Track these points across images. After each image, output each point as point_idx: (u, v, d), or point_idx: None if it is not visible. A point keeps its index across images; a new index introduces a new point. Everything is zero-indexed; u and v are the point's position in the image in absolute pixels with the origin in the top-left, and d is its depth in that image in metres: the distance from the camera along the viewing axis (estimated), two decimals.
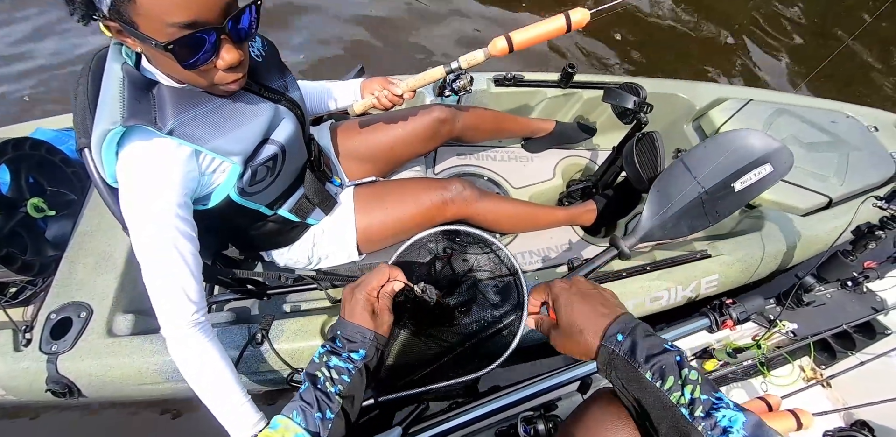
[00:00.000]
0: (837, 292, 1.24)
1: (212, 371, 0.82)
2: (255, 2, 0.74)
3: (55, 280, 1.19)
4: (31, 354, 1.08)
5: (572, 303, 0.59)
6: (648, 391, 0.48)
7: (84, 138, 0.81)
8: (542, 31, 1.03)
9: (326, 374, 0.66)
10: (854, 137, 1.64)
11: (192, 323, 0.81)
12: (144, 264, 0.78)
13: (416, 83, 1.14)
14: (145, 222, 0.77)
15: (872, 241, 1.11)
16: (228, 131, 0.83)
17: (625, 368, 0.50)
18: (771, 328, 1.16)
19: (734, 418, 0.44)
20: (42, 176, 1.28)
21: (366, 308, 0.72)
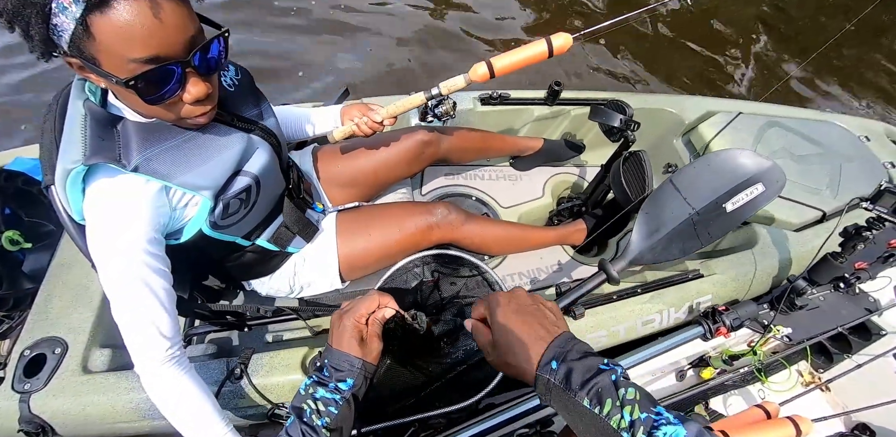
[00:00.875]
0: (831, 294, 1.24)
1: (190, 405, 0.81)
2: (222, 33, 0.73)
3: (30, 315, 1.16)
4: (3, 392, 1.05)
5: (509, 322, 0.57)
6: (588, 418, 0.47)
7: (50, 175, 0.79)
8: (523, 57, 1.02)
9: (313, 406, 0.64)
10: (845, 148, 1.62)
11: (167, 358, 0.79)
12: (114, 300, 0.76)
13: (397, 110, 1.12)
14: (112, 257, 0.75)
15: (861, 242, 1.11)
16: (196, 166, 0.81)
17: (562, 397, 0.49)
18: (765, 334, 1.15)
19: (675, 432, 0.43)
20: (18, 207, 1.26)
21: (354, 336, 0.69)
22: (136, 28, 0.60)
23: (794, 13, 3.47)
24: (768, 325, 1.14)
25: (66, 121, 0.78)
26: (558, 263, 1.51)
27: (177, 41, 0.65)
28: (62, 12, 0.59)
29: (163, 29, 0.62)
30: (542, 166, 1.74)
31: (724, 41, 3.20)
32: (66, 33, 0.61)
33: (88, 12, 0.58)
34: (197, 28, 0.68)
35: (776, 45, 3.22)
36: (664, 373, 1.20)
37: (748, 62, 3.09)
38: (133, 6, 0.59)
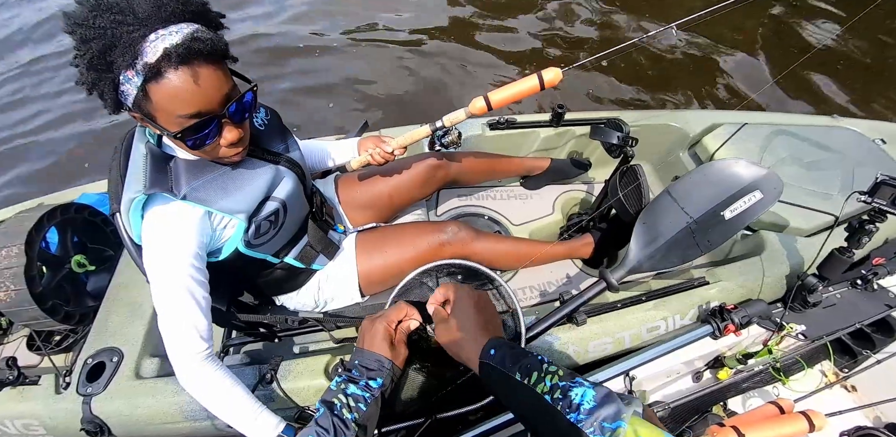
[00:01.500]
0: (848, 291, 1.23)
1: (225, 390, 0.92)
2: (251, 88, 0.89)
3: (92, 328, 1.33)
4: (70, 396, 1.20)
5: (467, 313, 0.68)
6: (520, 389, 0.56)
7: (115, 204, 0.97)
8: (516, 91, 1.12)
9: (344, 401, 0.68)
10: (858, 152, 1.61)
11: (204, 356, 0.91)
12: (160, 306, 0.89)
13: (405, 141, 1.25)
14: (163, 269, 0.89)
15: (865, 235, 1.12)
16: (232, 193, 0.96)
17: (499, 376, 0.58)
18: (778, 331, 1.15)
19: (584, 393, 0.52)
20: (84, 235, 1.46)
21: (385, 338, 0.74)
22: (181, 92, 0.76)
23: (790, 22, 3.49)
24: (780, 322, 1.15)
25: (130, 159, 0.95)
26: (567, 276, 1.57)
27: (214, 99, 0.81)
28: (127, 82, 0.76)
29: (202, 91, 0.78)
30: (551, 185, 1.82)
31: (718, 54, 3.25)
32: (131, 97, 0.78)
33: (146, 82, 0.75)
34: (230, 85, 0.84)
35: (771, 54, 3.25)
36: (680, 375, 1.21)
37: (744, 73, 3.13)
38: (179, 76, 0.75)
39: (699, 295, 1.29)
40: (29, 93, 3.31)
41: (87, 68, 0.75)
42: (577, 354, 1.22)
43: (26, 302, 1.23)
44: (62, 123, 3.05)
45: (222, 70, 0.82)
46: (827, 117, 1.80)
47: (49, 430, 1.21)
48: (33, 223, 1.28)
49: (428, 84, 3.13)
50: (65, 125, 3.03)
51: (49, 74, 3.43)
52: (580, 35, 3.45)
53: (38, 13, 3.96)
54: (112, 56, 0.73)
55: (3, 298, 1.22)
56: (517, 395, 0.57)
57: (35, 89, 3.33)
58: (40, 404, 1.20)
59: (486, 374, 0.60)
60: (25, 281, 1.22)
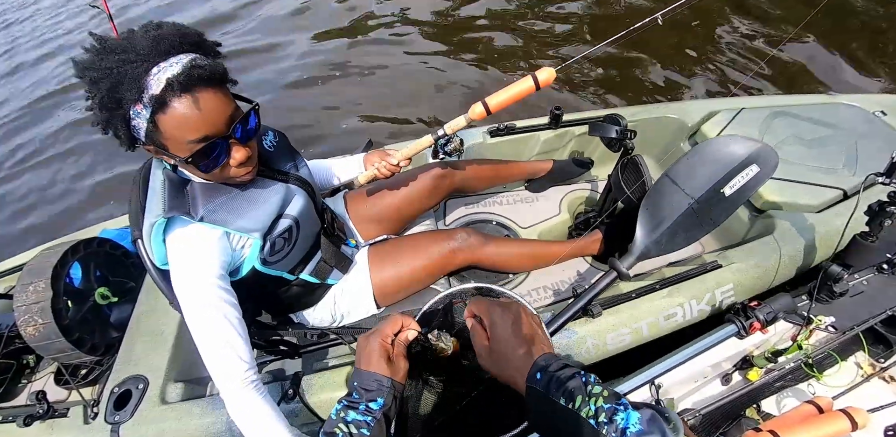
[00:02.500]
0: (875, 277, 1.18)
1: (265, 420, 0.91)
2: (253, 107, 0.93)
3: (117, 358, 1.35)
4: (98, 425, 1.22)
5: (506, 337, 0.64)
6: (562, 414, 0.54)
7: (137, 231, 1.01)
8: (513, 93, 1.15)
9: (345, 430, 0.64)
10: (859, 126, 1.61)
11: (247, 381, 0.91)
12: (197, 331, 0.90)
13: (409, 152, 1.28)
14: (193, 293, 0.91)
15: (887, 218, 1.08)
16: (246, 213, 0.99)
17: (545, 402, 0.56)
18: (807, 326, 1.11)
19: (629, 416, 0.50)
20: (106, 269, 1.51)
21: (382, 355, 0.70)
22: (187, 119, 0.81)
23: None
24: (808, 315, 1.11)
25: (149, 187, 0.99)
26: (579, 274, 1.56)
27: (218, 121, 0.85)
28: (137, 116, 0.81)
29: (206, 115, 0.83)
30: (555, 186, 1.83)
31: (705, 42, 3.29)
32: (142, 130, 0.83)
33: (154, 114, 0.80)
34: (233, 107, 0.88)
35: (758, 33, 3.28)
36: (708, 379, 1.17)
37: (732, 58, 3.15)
38: (183, 103, 0.80)
39: (713, 279, 1.27)
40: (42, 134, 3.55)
41: (99, 108, 0.80)
42: (597, 347, 1.21)
43: (53, 334, 1.26)
44: (81, 163, 3.25)
45: (223, 93, 0.86)
46: (823, 95, 1.80)
47: None
48: (58, 258, 1.33)
49: (427, 97, 3.24)
50: (83, 165, 3.23)
51: (63, 114, 3.65)
52: (569, 33, 3.54)
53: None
54: (120, 92, 0.78)
55: (32, 332, 1.26)
56: (562, 420, 0.55)
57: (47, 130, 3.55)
58: (70, 435, 1.22)
59: (533, 398, 0.59)
60: (52, 314, 1.26)
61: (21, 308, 1.27)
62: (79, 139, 3.43)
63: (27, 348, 1.48)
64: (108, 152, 3.22)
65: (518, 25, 3.66)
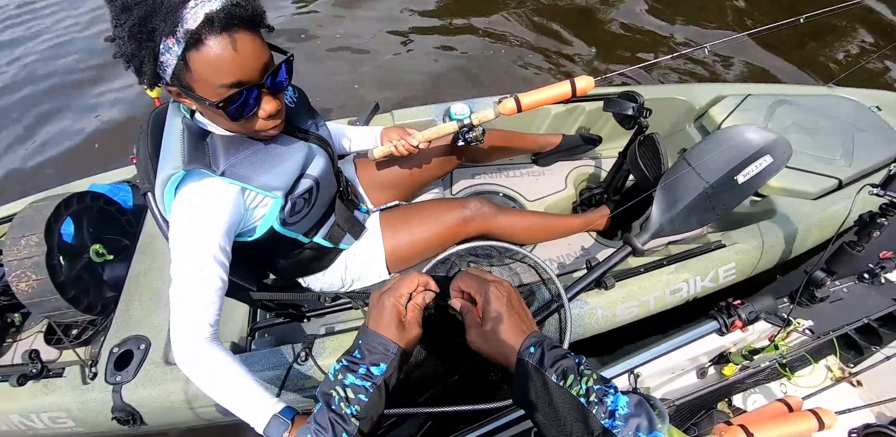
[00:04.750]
0: (854, 285, 1.22)
1: (224, 370, 0.84)
2: (288, 58, 0.88)
3: (115, 317, 1.31)
4: (98, 385, 1.19)
5: (501, 315, 0.63)
6: (554, 390, 0.55)
7: (147, 184, 0.96)
8: (548, 95, 1.15)
9: (342, 394, 0.61)
10: (857, 119, 1.68)
11: (210, 336, 0.86)
12: (177, 278, 0.86)
13: (431, 135, 1.26)
14: (188, 243, 0.87)
15: (876, 229, 1.10)
16: (270, 170, 0.95)
17: (536, 375, 0.56)
18: (786, 327, 1.14)
19: (618, 399, 0.52)
20: (100, 225, 1.44)
21: (392, 317, 0.65)
22: (222, 60, 0.76)
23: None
24: (787, 318, 1.14)
25: (165, 136, 0.93)
26: (583, 248, 1.61)
27: (253, 68, 0.80)
28: (167, 52, 0.75)
29: (242, 59, 0.77)
30: (562, 161, 1.85)
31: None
32: (170, 68, 0.77)
33: (187, 50, 0.74)
34: (268, 55, 0.83)
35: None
36: (684, 371, 1.20)
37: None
38: (220, 43, 0.75)
39: (718, 257, 1.33)
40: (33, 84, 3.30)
41: (127, 38, 0.74)
42: (606, 318, 1.26)
43: (49, 292, 1.21)
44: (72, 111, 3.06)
45: (260, 38, 0.81)
46: (824, 87, 1.86)
47: (77, 421, 1.20)
48: (51, 211, 1.26)
49: (445, 68, 3.17)
50: (73, 114, 3.04)
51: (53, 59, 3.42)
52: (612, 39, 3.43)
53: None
54: (153, 23, 0.72)
55: (26, 289, 1.20)
56: (551, 396, 0.55)
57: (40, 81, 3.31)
58: (68, 395, 1.18)
59: (522, 372, 0.58)
60: (47, 270, 1.20)
61: (13, 263, 1.20)
62: (63, 89, 3.22)
63: (11, 306, 1.42)
64: (94, 103, 3.06)
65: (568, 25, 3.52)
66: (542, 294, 1.09)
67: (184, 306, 0.86)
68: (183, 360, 0.85)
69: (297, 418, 0.80)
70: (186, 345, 0.85)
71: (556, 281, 0.95)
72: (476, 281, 0.67)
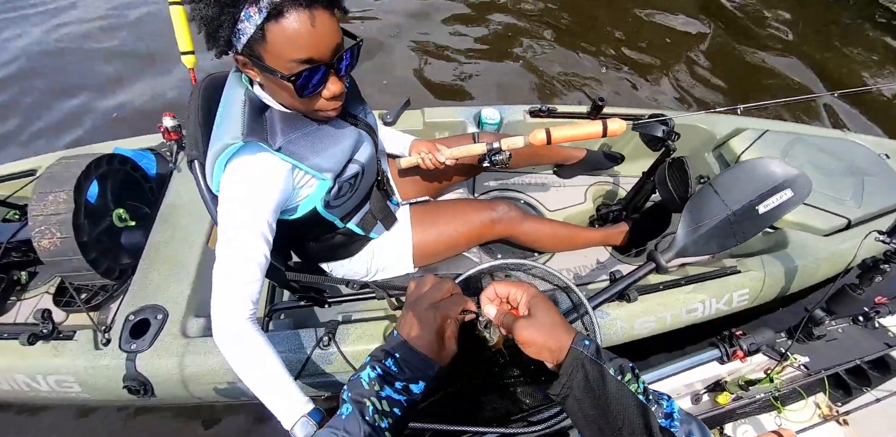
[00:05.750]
0: (850, 326, 1.28)
1: (261, 355, 0.86)
2: (358, 43, 0.90)
3: (132, 284, 1.30)
4: (111, 352, 1.18)
5: (549, 307, 0.64)
6: (612, 384, 0.56)
7: (195, 151, 0.97)
8: (578, 133, 1.19)
9: (378, 406, 0.59)
10: (867, 164, 1.79)
11: (248, 317, 0.87)
12: (224, 253, 0.87)
13: (458, 154, 1.31)
14: (237, 218, 0.88)
15: (878, 274, 1.16)
16: (324, 151, 0.97)
17: (592, 366, 0.57)
18: (782, 362, 1.18)
19: (671, 404, 0.56)
20: (124, 190, 1.43)
21: (433, 334, 0.62)
22: (300, 35, 0.77)
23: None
24: (785, 353, 1.18)
25: (225, 105, 0.94)
26: (599, 261, 1.66)
27: (327, 47, 0.82)
28: (247, 20, 0.77)
29: (318, 37, 0.80)
30: (582, 175, 1.91)
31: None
32: (245, 36, 0.78)
33: (267, 21, 0.76)
34: (341, 37, 0.85)
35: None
36: (679, 396, 1.23)
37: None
38: (300, 18, 0.77)
39: (733, 282, 1.40)
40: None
41: (212, 1, 0.75)
42: (624, 330, 1.31)
43: (71, 251, 1.20)
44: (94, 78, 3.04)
45: (336, 20, 0.83)
46: (838, 131, 1.98)
47: (84, 387, 1.19)
48: (81, 170, 1.25)
49: (479, 72, 3.23)
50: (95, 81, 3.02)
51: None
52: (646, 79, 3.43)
53: None
54: None
55: (48, 246, 1.19)
56: (607, 389, 0.56)
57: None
58: (79, 359, 1.17)
59: (576, 361, 0.58)
60: (73, 229, 1.19)
61: (38, 218, 1.19)
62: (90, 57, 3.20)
63: (20, 263, 1.40)
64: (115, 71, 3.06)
65: (616, 56, 3.54)
66: (564, 303, 1.14)
67: (230, 281, 0.86)
68: (224, 338, 0.86)
69: (323, 420, 0.81)
70: (229, 322, 0.86)
71: (576, 290, 1.00)
72: (513, 284, 0.67)
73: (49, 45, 3.29)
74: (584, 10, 3.86)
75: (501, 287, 0.67)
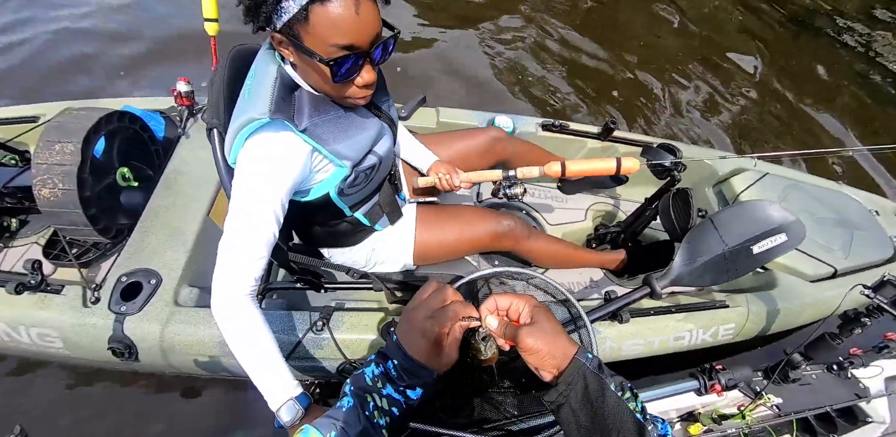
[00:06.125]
0: (824, 374, 1.32)
1: (257, 331, 0.87)
2: (396, 34, 0.91)
3: (127, 246, 1.28)
4: (99, 311, 1.16)
5: (552, 318, 0.65)
6: (612, 399, 0.58)
7: (215, 119, 0.97)
8: (592, 168, 1.25)
9: (378, 402, 0.61)
10: (858, 218, 1.88)
11: (249, 293, 0.89)
12: (235, 227, 0.87)
13: (474, 178, 1.34)
14: (252, 195, 0.88)
15: (858, 327, 1.21)
16: (347, 138, 0.98)
17: (594, 379, 0.59)
18: (756, 400, 1.23)
19: (665, 427, 0.59)
20: (131, 149, 1.41)
21: (436, 345, 0.63)
22: (343, 20, 0.78)
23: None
24: (760, 392, 1.22)
25: (253, 79, 0.94)
26: (593, 281, 1.71)
27: (368, 35, 0.83)
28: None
29: (361, 24, 0.80)
30: (584, 193, 1.96)
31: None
32: (287, 15, 0.79)
33: (312, 2, 0.77)
34: (381, 27, 0.85)
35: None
36: None
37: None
38: (346, 3, 0.77)
39: (721, 316, 1.45)
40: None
41: None
42: (613, 350, 1.35)
43: (72, 204, 1.18)
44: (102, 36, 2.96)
45: (378, 9, 0.84)
46: (834, 183, 2.07)
47: (67, 343, 1.17)
48: (92, 123, 1.23)
49: (498, 76, 3.28)
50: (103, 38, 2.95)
51: None
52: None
53: None
54: None
55: (48, 196, 1.17)
56: (605, 403, 0.57)
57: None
58: (65, 315, 1.15)
59: (577, 372, 0.59)
60: (77, 182, 1.17)
61: (41, 166, 1.17)
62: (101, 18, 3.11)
63: (12, 210, 1.37)
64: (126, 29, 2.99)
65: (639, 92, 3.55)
66: (559, 316, 1.17)
67: (235, 255, 0.87)
68: (222, 311, 0.86)
69: (310, 406, 0.83)
70: (231, 296, 0.86)
71: (576, 305, 1.02)
72: (514, 296, 0.68)
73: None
74: (613, 36, 3.93)
75: (503, 300, 0.68)
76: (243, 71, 0.98)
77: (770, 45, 4.10)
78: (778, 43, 4.17)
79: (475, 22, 3.69)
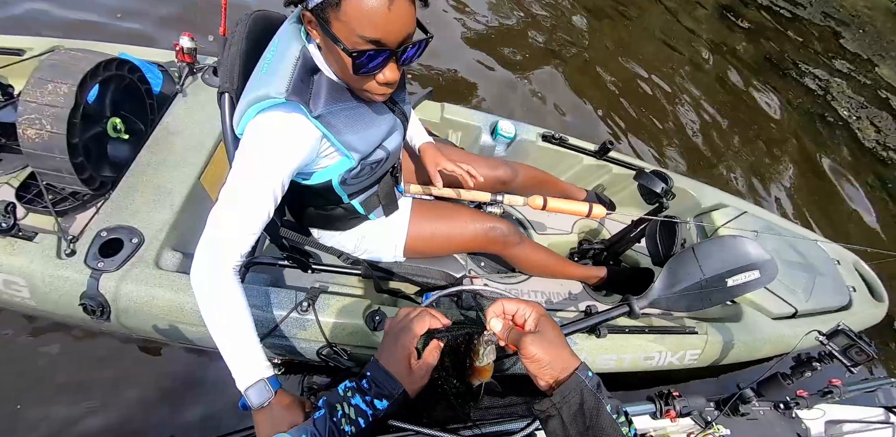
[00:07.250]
0: (771, 411, 1.41)
1: (234, 306, 0.86)
2: (428, 39, 0.92)
3: (110, 200, 1.26)
4: (75, 265, 1.14)
5: (557, 328, 0.69)
6: (607, 420, 0.60)
7: (228, 84, 0.97)
8: (568, 208, 1.51)
9: (346, 410, 0.68)
10: (821, 265, 2.06)
11: (234, 267, 0.89)
12: (228, 202, 0.88)
13: (466, 195, 1.50)
14: (255, 172, 0.89)
15: (809, 370, 1.32)
16: (360, 131, 1.00)
17: (591, 397, 0.61)
18: (706, 430, 1.30)
19: None
20: (125, 100, 1.38)
21: (403, 358, 0.71)
22: (375, 14, 0.78)
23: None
24: (711, 422, 1.30)
25: (274, 53, 0.94)
26: (571, 293, 1.79)
27: (398, 33, 0.83)
28: None
29: (392, 21, 0.81)
30: None
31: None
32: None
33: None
34: (414, 28, 0.86)
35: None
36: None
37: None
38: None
39: (689, 342, 1.57)
40: None
41: None
42: (587, 362, 1.39)
43: (58, 149, 1.15)
44: None
45: (414, 9, 0.84)
46: (806, 230, 2.26)
47: (34, 294, 1.14)
48: (91, 66, 1.20)
49: (501, 80, 3.37)
50: None
51: None
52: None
53: None
54: None
55: (34, 137, 1.13)
56: (600, 422, 0.60)
57: None
58: (36, 264, 1.12)
59: (575, 386, 0.62)
60: (66, 126, 1.14)
61: (30, 104, 1.13)
62: None
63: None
64: None
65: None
66: None
67: (228, 228, 0.87)
68: (202, 284, 0.86)
69: (279, 391, 0.83)
70: (214, 269, 0.86)
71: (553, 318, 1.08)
72: (522, 301, 0.71)
73: None
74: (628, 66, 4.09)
75: (510, 304, 0.71)
76: (262, 39, 0.99)
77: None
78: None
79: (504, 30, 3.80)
